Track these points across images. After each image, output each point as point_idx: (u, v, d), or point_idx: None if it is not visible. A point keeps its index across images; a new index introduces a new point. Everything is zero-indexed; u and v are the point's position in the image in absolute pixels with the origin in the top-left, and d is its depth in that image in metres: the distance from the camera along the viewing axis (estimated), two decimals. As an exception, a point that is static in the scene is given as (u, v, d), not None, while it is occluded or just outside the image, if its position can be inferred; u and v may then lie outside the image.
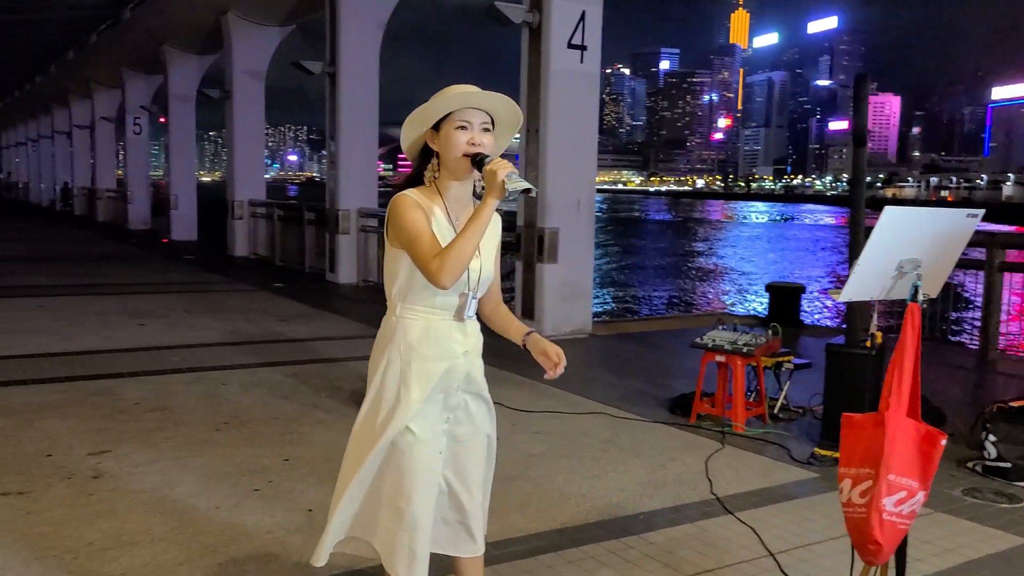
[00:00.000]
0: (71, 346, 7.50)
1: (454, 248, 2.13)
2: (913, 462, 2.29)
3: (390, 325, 2.32)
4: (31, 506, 3.85)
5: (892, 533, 2.27)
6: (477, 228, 2.14)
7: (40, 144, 38.84)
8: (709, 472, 4.59)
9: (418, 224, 2.20)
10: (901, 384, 2.26)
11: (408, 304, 2.29)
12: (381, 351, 2.33)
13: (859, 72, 4.57)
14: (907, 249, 2.25)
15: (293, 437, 5.03)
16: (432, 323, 2.28)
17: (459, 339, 2.32)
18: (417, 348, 2.26)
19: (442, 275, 2.12)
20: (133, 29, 21.99)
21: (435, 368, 2.27)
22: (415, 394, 2.25)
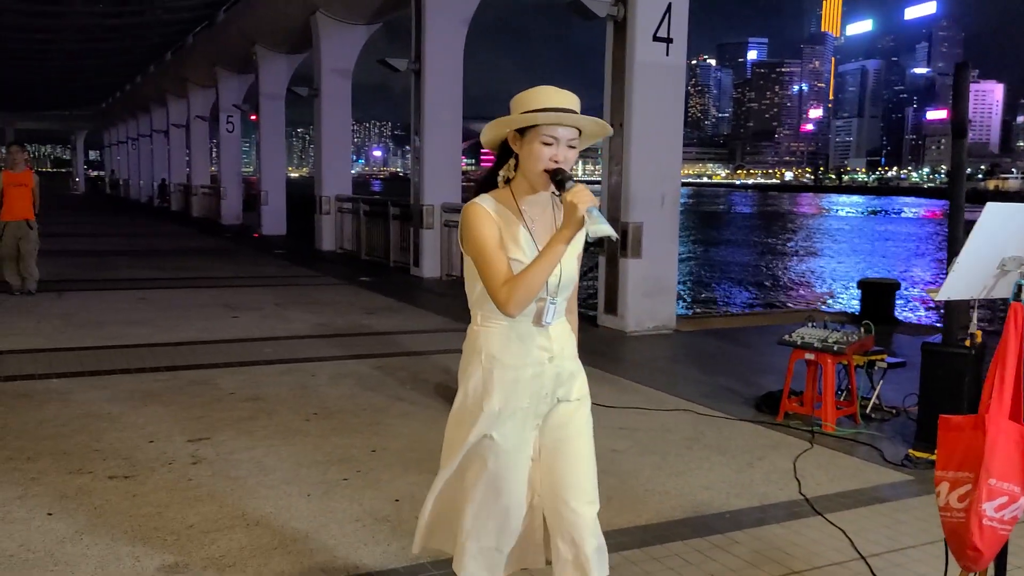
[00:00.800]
0: (171, 337, 7.82)
1: (524, 280, 2.08)
2: (1015, 466, 2.20)
3: (472, 334, 2.30)
4: (136, 489, 4.05)
5: (992, 539, 2.20)
6: (551, 260, 2.09)
7: (140, 142, 40.48)
8: (797, 472, 4.51)
9: (489, 242, 2.15)
10: (1003, 385, 2.18)
11: (488, 312, 2.24)
12: (467, 360, 2.31)
13: (960, 60, 4.41)
14: (1010, 246, 2.17)
15: (379, 428, 5.14)
16: (513, 330, 2.23)
17: (543, 344, 2.25)
18: (499, 357, 2.23)
19: (509, 306, 2.09)
20: (226, 30, 22.74)
21: (519, 376, 2.23)
22: (496, 403, 2.22)
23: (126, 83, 40.05)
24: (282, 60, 20.83)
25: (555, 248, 2.08)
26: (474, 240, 2.16)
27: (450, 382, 6.20)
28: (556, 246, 2.08)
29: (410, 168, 13.68)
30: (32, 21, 24.57)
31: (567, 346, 2.32)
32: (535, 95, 2.20)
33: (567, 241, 2.08)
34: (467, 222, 2.19)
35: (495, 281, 2.11)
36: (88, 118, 58.28)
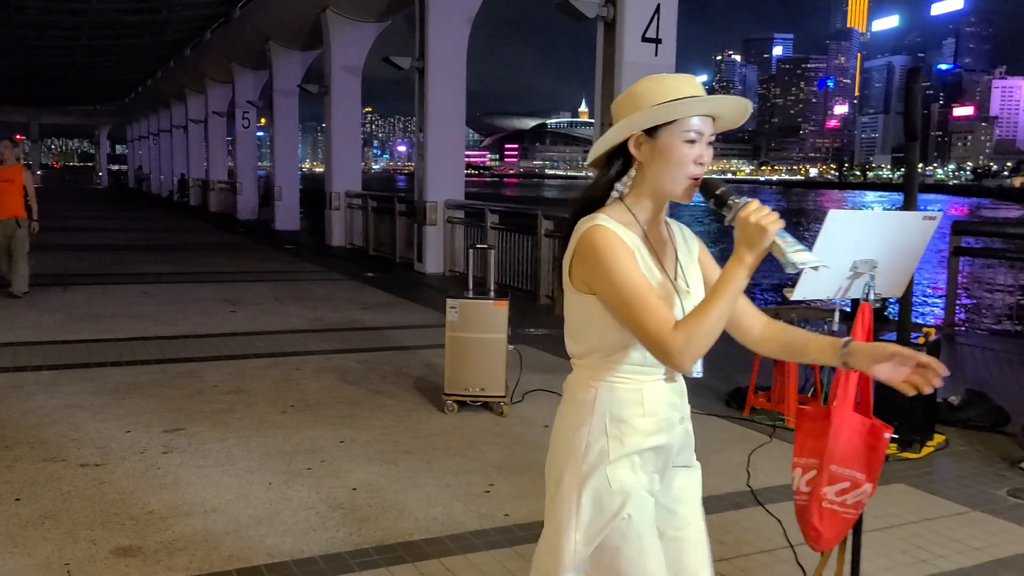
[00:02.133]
0: (167, 331, 8.02)
1: (703, 323, 1.63)
2: (857, 454, 2.33)
3: (584, 393, 1.82)
4: (105, 476, 4.22)
5: (833, 521, 2.33)
6: (733, 295, 1.65)
7: (160, 138, 40.98)
8: (750, 465, 4.61)
9: (636, 277, 1.70)
10: (848, 379, 2.30)
11: (609, 364, 1.79)
12: (575, 425, 1.82)
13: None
14: (861, 250, 2.28)
15: (352, 420, 5.29)
16: (643, 387, 1.79)
17: (676, 403, 1.85)
18: (629, 421, 1.78)
19: (685, 358, 1.64)
20: (242, 26, 23.01)
21: (651, 443, 1.80)
22: (628, 478, 1.78)
23: (147, 78, 40.58)
24: (295, 57, 21.05)
25: (736, 279, 1.65)
26: (614, 274, 1.69)
27: (432, 377, 6.34)
28: (736, 278, 1.65)
29: (415, 165, 13.84)
30: (53, 18, 25.02)
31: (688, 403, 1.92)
32: (660, 86, 1.77)
33: (750, 270, 1.65)
34: (596, 249, 1.72)
35: (659, 325, 1.65)
36: (111, 113, 59.08)
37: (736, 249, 1.65)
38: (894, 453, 4.81)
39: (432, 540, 3.59)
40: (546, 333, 8.02)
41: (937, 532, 3.79)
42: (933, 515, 3.99)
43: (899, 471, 4.57)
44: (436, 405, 5.58)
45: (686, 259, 1.88)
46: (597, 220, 1.75)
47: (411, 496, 4.07)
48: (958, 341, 8.46)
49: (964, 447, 5.03)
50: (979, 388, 5.80)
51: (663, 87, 1.75)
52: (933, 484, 4.42)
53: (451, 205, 12.98)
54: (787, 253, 1.62)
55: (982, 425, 5.35)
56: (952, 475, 4.58)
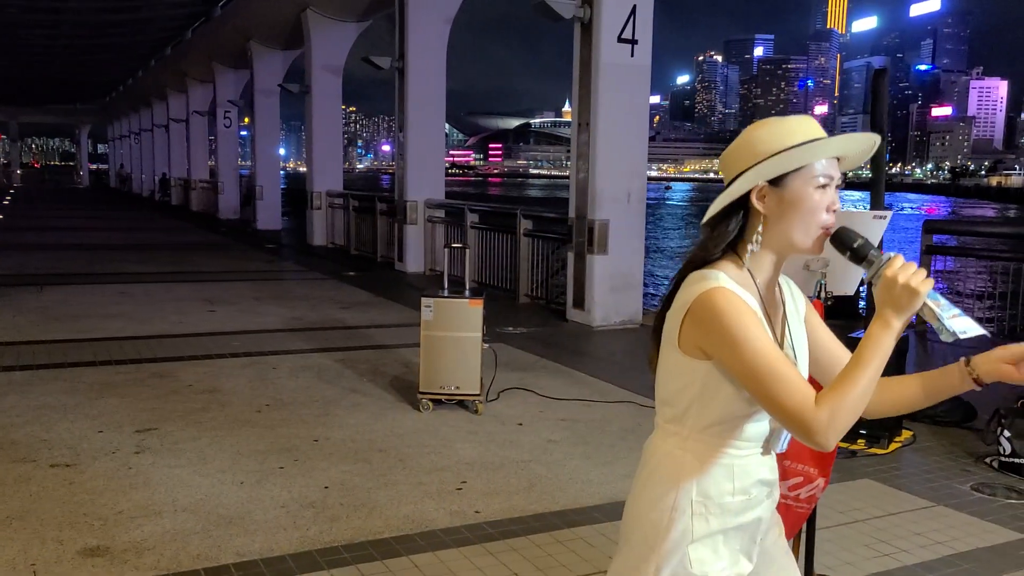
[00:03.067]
0: (143, 330, 7.98)
1: (847, 396, 1.45)
2: (809, 449, 2.36)
3: (670, 460, 1.65)
4: (75, 477, 4.21)
5: (787, 516, 2.35)
6: (878, 363, 1.46)
7: (141, 137, 40.72)
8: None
9: (768, 347, 1.51)
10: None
11: (702, 432, 1.62)
12: (655, 499, 1.64)
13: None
14: None
15: (327, 419, 5.30)
16: (736, 463, 1.62)
17: (766, 477, 1.68)
18: (716, 499, 1.61)
19: (831, 435, 1.46)
20: (222, 26, 22.89)
21: (740, 522, 1.64)
22: (710, 559, 1.61)
23: (128, 77, 40.26)
24: (277, 56, 20.99)
25: (882, 346, 1.46)
26: (743, 343, 1.50)
27: (408, 375, 6.35)
28: (883, 344, 1.46)
29: (395, 165, 13.84)
30: (33, 17, 24.81)
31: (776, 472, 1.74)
32: (780, 130, 1.59)
33: (897, 336, 1.47)
34: (719, 314, 1.53)
35: (800, 401, 1.46)
36: (92, 112, 58.57)
37: (880, 311, 1.47)
38: (862, 449, 4.87)
39: (402, 538, 3.61)
40: (524, 332, 8.06)
41: (900, 526, 3.84)
42: (897, 509, 4.05)
43: (866, 466, 4.63)
44: (412, 403, 5.60)
45: (794, 320, 1.71)
46: (717, 281, 1.55)
47: (383, 494, 4.08)
48: (928, 338, 8.55)
49: (931, 443, 5.09)
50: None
51: (784, 131, 1.58)
52: (899, 479, 4.48)
53: (431, 204, 12.99)
54: (943, 320, 1.45)
55: (949, 420, 5.42)
56: (918, 470, 4.64)
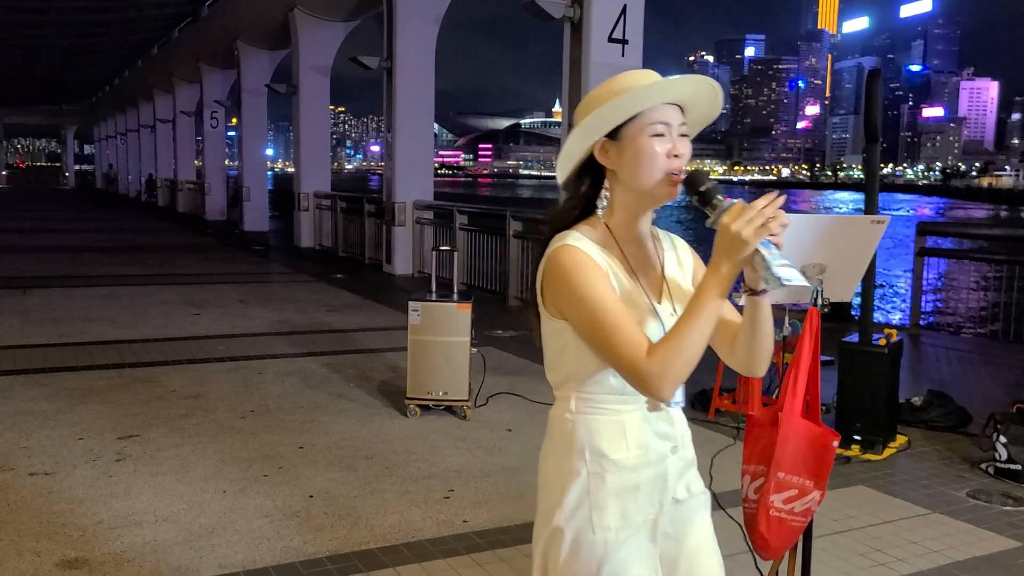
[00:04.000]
0: (127, 334, 7.87)
1: (680, 348, 1.46)
2: (805, 461, 2.31)
3: (563, 426, 1.65)
4: (55, 486, 4.11)
5: (780, 529, 2.30)
6: (707, 311, 1.47)
7: (128, 137, 40.48)
8: (713, 467, 4.59)
9: (608, 300, 1.52)
10: (796, 385, 2.28)
11: (586, 393, 1.62)
12: (556, 464, 1.66)
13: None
14: (809, 254, 2.25)
15: (313, 426, 5.21)
16: (626, 417, 1.62)
17: (664, 431, 1.66)
18: (609, 456, 1.60)
19: (664, 385, 1.47)
20: (209, 25, 22.75)
21: (639, 480, 1.62)
22: (613, 521, 1.60)
23: (114, 78, 40.02)
24: (264, 56, 20.85)
25: (709, 294, 1.47)
26: (582, 296, 1.53)
27: (395, 380, 6.27)
28: (710, 291, 1.47)
29: (383, 165, 13.75)
30: (17, 16, 24.62)
31: (688, 430, 1.74)
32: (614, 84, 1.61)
33: (728, 282, 1.46)
34: (565, 271, 1.55)
35: (633, 351, 1.48)
36: (78, 113, 58.22)
37: (713, 258, 1.47)
38: (856, 455, 4.81)
39: (388, 548, 3.53)
40: (513, 335, 7.97)
41: (896, 534, 3.79)
42: (893, 517, 3.99)
43: (860, 473, 4.57)
44: (399, 409, 5.52)
45: (676, 277, 1.70)
46: (567, 239, 1.57)
47: (369, 503, 4.00)
48: (923, 342, 8.52)
49: (926, 448, 5.04)
50: (941, 389, 5.83)
51: (617, 85, 1.58)
52: (894, 486, 4.42)
53: (420, 206, 12.90)
54: (772, 267, 1.41)
55: (944, 426, 5.37)
56: (913, 477, 4.59)
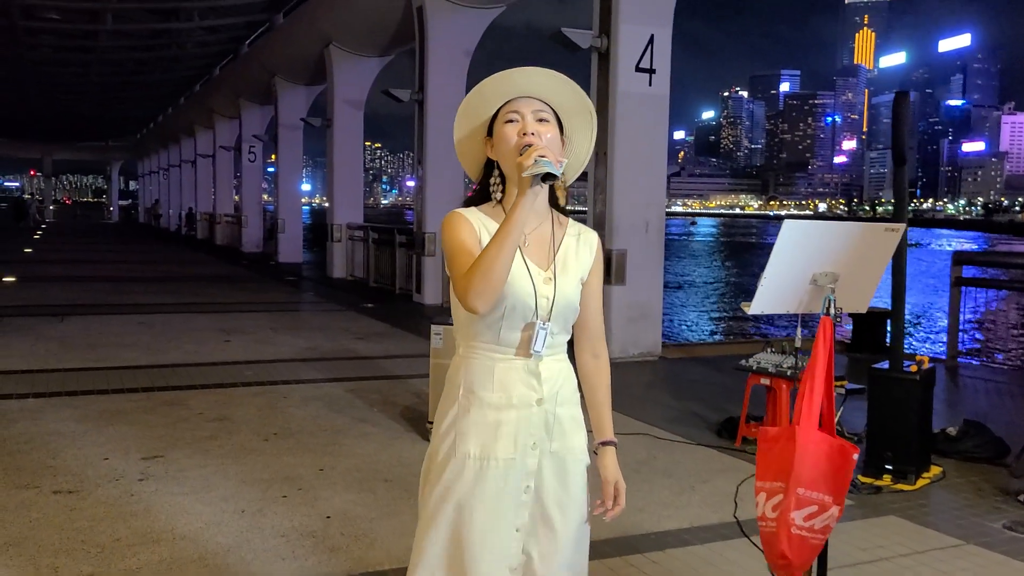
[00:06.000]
0: (158, 359, 7.96)
1: (480, 263, 1.71)
2: (824, 476, 2.23)
3: (453, 368, 1.95)
4: (77, 504, 4.14)
5: (802, 547, 2.22)
6: (505, 234, 1.70)
7: (170, 172, 41.30)
8: (738, 495, 4.50)
9: (459, 242, 1.82)
10: (811, 397, 2.21)
11: (470, 341, 1.90)
12: (444, 396, 1.95)
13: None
14: (820, 262, 2.19)
15: (334, 448, 5.20)
16: (497, 361, 1.86)
17: (530, 382, 1.86)
18: (477, 392, 1.86)
19: (469, 295, 1.71)
20: (249, 63, 23.26)
21: (500, 418, 1.84)
22: (473, 448, 1.84)
23: (159, 114, 41.00)
24: (300, 91, 21.24)
25: (510, 220, 1.71)
26: (445, 243, 1.85)
27: (419, 405, 6.26)
28: (511, 215, 1.71)
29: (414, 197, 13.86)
30: (66, 55, 25.36)
31: (564, 390, 1.91)
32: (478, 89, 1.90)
33: (523, 208, 1.70)
34: (442, 229, 1.88)
35: (458, 271, 1.77)
36: (123, 149, 59.70)
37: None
38: (888, 484, 4.69)
39: (402, 570, 3.45)
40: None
41: (928, 565, 3.67)
42: (925, 548, 3.87)
43: (891, 503, 4.45)
44: (421, 433, 5.49)
45: (567, 256, 1.92)
46: (453, 210, 1.88)
47: (386, 525, 3.97)
48: (960, 373, 8.33)
49: (961, 479, 4.90)
50: (978, 419, 5.68)
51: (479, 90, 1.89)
52: (927, 516, 4.29)
53: (451, 236, 12.93)
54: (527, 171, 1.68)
55: (980, 456, 5.22)
56: (947, 507, 4.45)
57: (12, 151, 63.18)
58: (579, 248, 1.94)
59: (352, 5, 15.13)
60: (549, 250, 1.90)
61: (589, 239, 1.97)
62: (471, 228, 1.85)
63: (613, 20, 8.31)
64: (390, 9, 13.81)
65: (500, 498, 1.83)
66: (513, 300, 1.81)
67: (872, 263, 2.26)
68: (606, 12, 8.43)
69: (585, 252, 1.95)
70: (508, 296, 1.81)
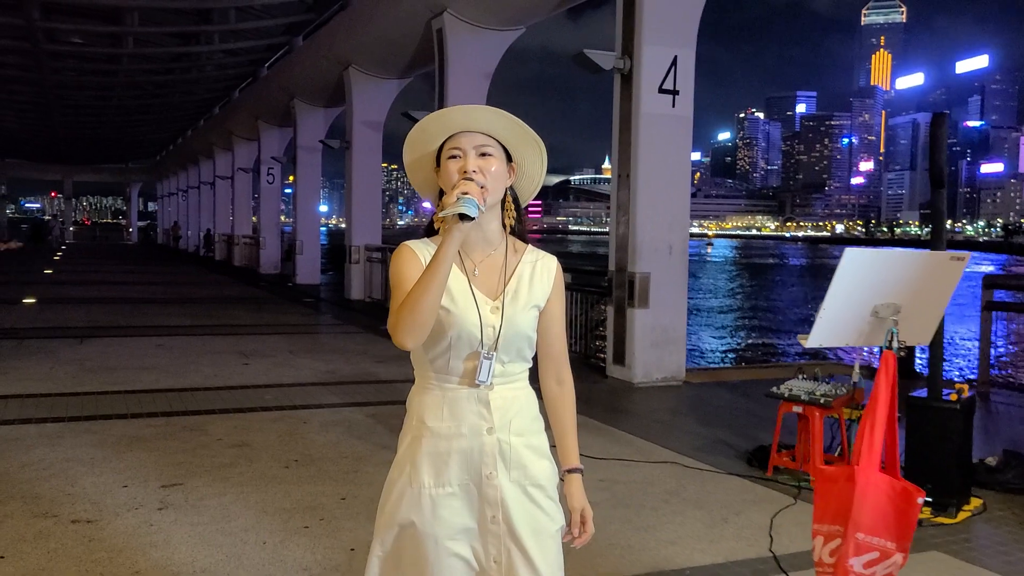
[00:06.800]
0: (176, 383, 7.89)
1: (407, 298, 1.74)
2: (886, 520, 2.09)
3: (409, 396, 2.00)
4: (96, 533, 4.05)
5: None
6: (431, 273, 1.73)
7: (188, 194, 41.57)
8: (773, 528, 4.35)
9: (399, 277, 1.85)
10: (873, 435, 2.08)
11: (423, 371, 1.94)
12: (404, 426, 2.00)
13: (937, 111, 4.33)
14: (882, 293, 2.07)
15: (356, 476, 5.10)
16: (446, 392, 1.90)
17: (479, 412, 1.89)
18: (428, 422, 1.90)
19: (397, 331, 1.74)
20: (268, 85, 23.39)
21: (451, 447, 1.88)
22: (426, 477, 1.88)
23: (178, 137, 41.36)
24: (319, 113, 21.32)
25: (436, 258, 1.74)
26: (392, 277, 1.88)
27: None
28: (437, 254, 1.74)
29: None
30: (89, 79, 25.61)
31: (518, 420, 1.91)
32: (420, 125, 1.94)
33: (448, 246, 1.72)
34: (391, 262, 1.90)
35: (392, 309, 1.79)
36: (142, 171, 60.21)
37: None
38: (928, 518, 4.53)
39: (430, 606, 3.36)
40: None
41: (975, 603, 3.51)
42: (970, 584, 3.71)
43: (934, 537, 4.29)
44: (444, 461, 5.37)
45: (521, 287, 1.93)
46: (405, 242, 1.91)
47: (411, 558, 3.85)
48: (992, 399, 8.14)
49: (1003, 511, 4.73)
50: (1015, 448, 5.51)
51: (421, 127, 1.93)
52: (971, 552, 4.13)
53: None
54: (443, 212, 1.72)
55: (1021, 487, 5.05)
56: (991, 541, 4.29)
57: (34, 173, 63.91)
58: (535, 275, 1.96)
59: (372, 28, 15.17)
60: (500, 278, 1.93)
61: (547, 264, 1.98)
62: (417, 262, 1.87)
63: (636, 41, 8.24)
64: (410, 31, 13.83)
65: (451, 526, 1.87)
66: (459, 330, 1.85)
67: (935, 294, 2.14)
68: (629, 33, 8.37)
69: (543, 278, 1.96)
70: (454, 326, 1.85)
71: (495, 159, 1.89)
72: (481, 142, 1.89)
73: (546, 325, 1.97)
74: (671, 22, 8.36)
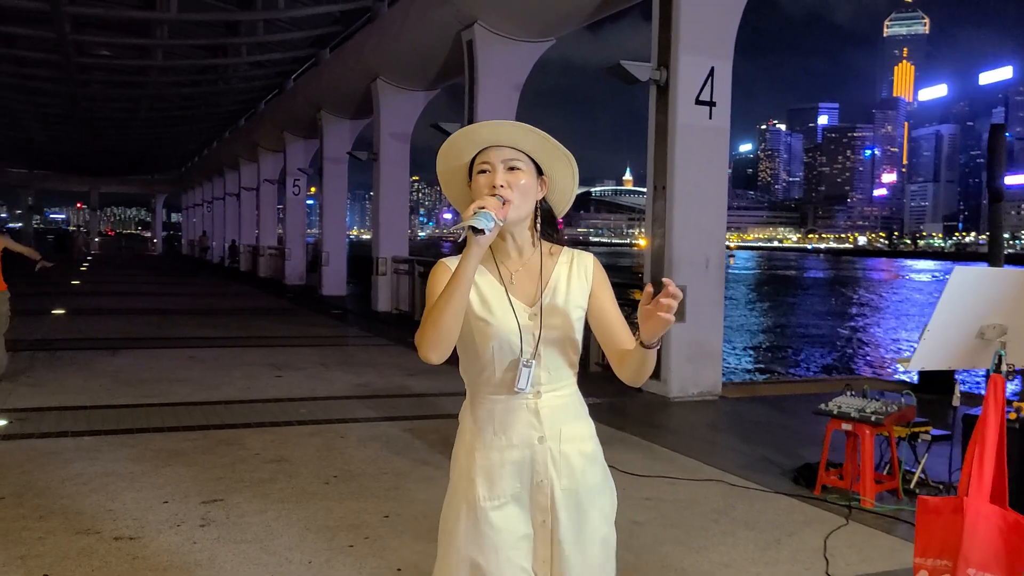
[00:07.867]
0: (211, 396, 7.87)
1: (429, 313, 1.80)
2: (998, 554, 1.99)
3: (462, 415, 2.05)
4: (139, 551, 4.00)
5: None
6: (452, 288, 1.77)
7: (214, 205, 41.83)
8: (827, 550, 4.24)
9: (433, 293, 1.88)
10: (982, 465, 1.98)
11: (471, 386, 2.00)
12: (457, 440, 2.04)
13: (995, 123, 4.22)
14: (989, 314, 1.98)
15: (398, 493, 5.03)
16: (497, 403, 1.93)
17: (530, 421, 1.92)
18: (481, 435, 1.94)
19: (422, 346, 1.80)
20: (295, 97, 23.50)
21: (504, 458, 1.92)
22: (481, 490, 1.92)
23: (204, 149, 41.70)
24: (345, 125, 21.37)
25: (457, 274, 1.77)
26: (427, 295, 1.90)
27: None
28: (458, 268, 1.78)
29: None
30: (117, 91, 25.86)
31: (568, 427, 1.94)
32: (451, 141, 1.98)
33: (469, 262, 1.75)
34: (428, 281, 1.95)
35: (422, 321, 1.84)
36: (168, 182, 60.74)
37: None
38: None
39: (484, 630, 3.28)
40: (596, 402, 7.72)
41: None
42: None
43: None
44: (486, 478, 5.29)
45: (559, 290, 1.95)
46: (443, 259, 1.94)
47: (460, 579, 3.77)
48: None
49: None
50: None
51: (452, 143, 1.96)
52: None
53: (499, 271, 12.80)
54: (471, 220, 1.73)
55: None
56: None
57: (61, 184, 64.70)
58: (572, 275, 1.97)
59: (401, 39, 15.20)
60: (537, 284, 1.96)
61: (583, 262, 1.99)
62: (447, 278, 1.85)
63: (672, 52, 8.17)
64: (439, 43, 13.83)
65: (513, 533, 1.90)
66: (499, 340, 1.89)
67: (1045, 315, 2.05)
68: (665, 45, 8.31)
69: (580, 277, 1.97)
70: (495, 336, 1.89)
71: (524, 172, 1.92)
72: (510, 156, 1.91)
73: (606, 322, 1.96)
74: (708, 33, 8.29)
